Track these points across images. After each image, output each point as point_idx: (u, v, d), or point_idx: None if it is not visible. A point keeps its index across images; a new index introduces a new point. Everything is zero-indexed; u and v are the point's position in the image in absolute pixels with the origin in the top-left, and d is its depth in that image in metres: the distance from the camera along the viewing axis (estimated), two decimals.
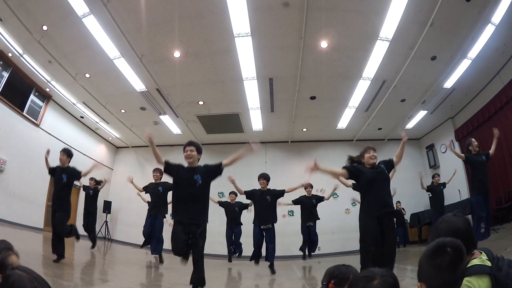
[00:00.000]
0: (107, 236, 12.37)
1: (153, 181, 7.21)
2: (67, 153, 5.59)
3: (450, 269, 1.21)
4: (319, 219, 8.54)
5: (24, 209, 9.00)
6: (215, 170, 3.92)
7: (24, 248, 5.74)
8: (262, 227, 6.35)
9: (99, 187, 8.88)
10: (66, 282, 3.72)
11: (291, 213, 11.66)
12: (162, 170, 4.11)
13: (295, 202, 8.43)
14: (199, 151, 3.99)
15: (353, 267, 1.75)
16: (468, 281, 1.39)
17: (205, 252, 3.79)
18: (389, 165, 4.15)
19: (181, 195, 3.82)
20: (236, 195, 8.75)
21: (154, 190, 7.08)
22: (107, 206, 12.63)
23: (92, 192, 8.84)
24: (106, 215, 12.53)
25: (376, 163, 4.08)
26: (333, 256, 10.91)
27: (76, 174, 5.53)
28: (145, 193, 7.42)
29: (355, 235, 3.96)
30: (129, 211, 12.83)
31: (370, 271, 1.38)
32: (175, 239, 3.75)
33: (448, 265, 1.21)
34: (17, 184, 8.91)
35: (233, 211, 8.72)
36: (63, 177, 5.41)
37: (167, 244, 5.42)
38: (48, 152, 5.80)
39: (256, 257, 6.64)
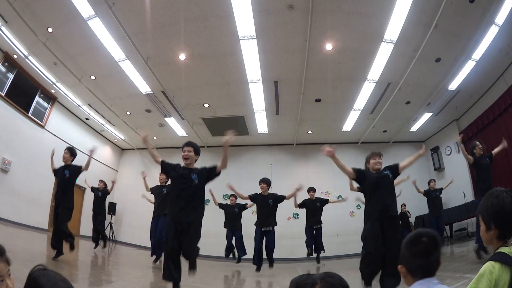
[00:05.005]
0: (111, 238, 12.39)
1: (159, 183, 7.40)
2: (71, 152, 5.71)
3: (424, 256, 1.39)
4: (321, 223, 8.54)
5: (28, 210, 9.05)
6: (211, 172, 3.93)
7: (28, 249, 5.79)
8: (263, 229, 6.58)
9: (109, 189, 8.97)
10: (71, 283, 3.73)
11: (295, 215, 11.61)
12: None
13: (300, 205, 8.42)
14: (196, 153, 3.99)
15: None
16: (492, 265, 1.38)
17: (204, 253, 3.79)
18: (394, 170, 4.16)
19: (177, 193, 3.80)
20: (236, 197, 8.81)
21: (159, 192, 7.22)
22: (112, 207, 12.68)
23: (101, 194, 8.89)
24: (111, 216, 12.57)
25: (381, 168, 4.16)
26: (338, 259, 10.87)
27: (77, 169, 5.64)
28: (151, 193, 7.55)
29: (360, 238, 4.00)
30: (133, 213, 12.89)
31: (310, 277, 1.08)
32: (167, 238, 3.77)
33: (422, 252, 1.40)
34: (22, 185, 8.97)
35: (232, 212, 8.78)
36: (65, 173, 5.53)
37: None
38: (53, 153, 5.95)
39: (257, 261, 6.68)
